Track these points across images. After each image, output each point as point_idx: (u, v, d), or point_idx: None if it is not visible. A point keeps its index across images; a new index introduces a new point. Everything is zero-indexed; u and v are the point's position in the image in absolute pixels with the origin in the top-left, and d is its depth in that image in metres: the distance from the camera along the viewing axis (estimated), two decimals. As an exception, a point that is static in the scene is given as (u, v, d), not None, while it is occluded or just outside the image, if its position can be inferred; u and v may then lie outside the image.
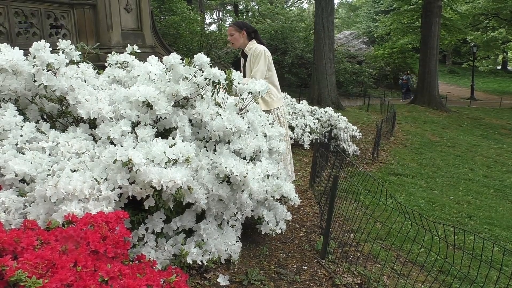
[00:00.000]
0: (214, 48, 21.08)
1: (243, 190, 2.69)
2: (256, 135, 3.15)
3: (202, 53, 2.82)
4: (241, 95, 3.19)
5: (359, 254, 3.25)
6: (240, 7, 34.99)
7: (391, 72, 28.59)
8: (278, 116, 4.29)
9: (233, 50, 22.29)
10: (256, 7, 33.21)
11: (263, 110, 3.96)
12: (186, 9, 22.28)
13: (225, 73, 2.81)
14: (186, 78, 2.73)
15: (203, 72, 2.76)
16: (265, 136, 3.20)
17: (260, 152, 3.10)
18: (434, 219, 4.66)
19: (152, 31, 9.50)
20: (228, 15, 40.88)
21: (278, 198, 3.11)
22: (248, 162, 2.75)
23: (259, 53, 4.08)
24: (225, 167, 2.54)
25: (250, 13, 34.64)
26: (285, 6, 36.27)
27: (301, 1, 41.37)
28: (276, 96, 4.30)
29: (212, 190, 2.55)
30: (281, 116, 4.37)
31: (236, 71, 3.01)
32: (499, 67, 43.38)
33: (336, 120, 7.60)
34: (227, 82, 2.84)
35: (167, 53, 9.38)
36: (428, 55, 19.97)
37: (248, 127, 3.02)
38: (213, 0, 35.81)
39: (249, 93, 3.05)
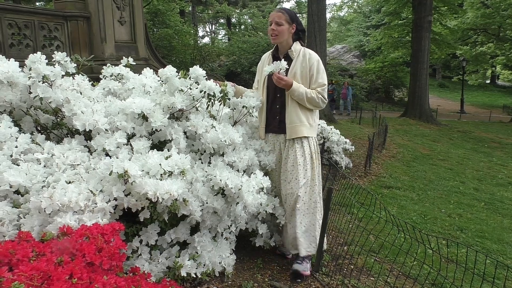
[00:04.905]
0: (207, 61, 21.18)
1: (237, 203, 2.70)
2: (247, 149, 3.17)
3: (196, 66, 2.85)
4: (235, 108, 3.21)
5: (352, 267, 3.26)
6: (233, 20, 35.29)
7: (382, 86, 28.87)
8: (315, 148, 3.20)
9: (226, 62, 22.38)
10: (249, 20, 33.49)
11: (302, 137, 3.08)
12: (179, 22, 22.46)
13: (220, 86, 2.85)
14: (182, 90, 2.75)
15: (198, 84, 2.79)
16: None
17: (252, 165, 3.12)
18: (426, 232, 4.69)
19: (145, 44, 9.53)
20: (221, 28, 41.16)
21: (271, 212, 3.10)
22: (242, 175, 2.76)
23: (318, 60, 3.12)
24: (220, 180, 2.55)
25: (243, 26, 34.90)
26: (278, 19, 36.51)
27: (293, 15, 41.77)
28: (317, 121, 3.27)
29: (206, 203, 2.56)
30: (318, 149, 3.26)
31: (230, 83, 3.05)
32: (488, 81, 44.03)
33: (329, 133, 7.63)
34: (222, 94, 2.88)
35: (160, 65, 9.44)
36: (418, 69, 20.21)
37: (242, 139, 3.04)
38: (206, 13, 36.04)
39: (243, 107, 3.09)
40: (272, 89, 3.17)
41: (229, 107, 3.19)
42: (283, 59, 2.98)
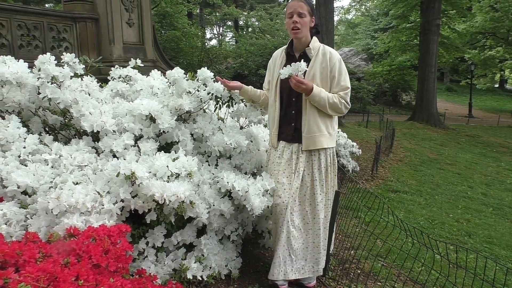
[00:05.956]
0: (214, 63, 21.22)
1: (243, 206, 2.66)
2: (258, 150, 3.16)
3: (204, 68, 2.85)
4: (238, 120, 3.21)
5: (359, 271, 3.23)
6: (240, 22, 35.30)
7: (389, 89, 28.76)
8: (332, 160, 2.88)
9: (233, 65, 22.36)
10: (256, 23, 33.49)
11: (321, 148, 2.75)
12: (187, 24, 22.52)
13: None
14: (189, 92, 2.74)
15: (206, 86, 2.78)
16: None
17: (261, 167, 3.10)
18: (434, 237, 4.64)
19: (153, 46, 9.56)
20: (229, 30, 41.23)
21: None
22: (249, 177, 2.75)
23: (340, 60, 2.74)
24: (227, 182, 2.54)
25: (250, 29, 34.93)
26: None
27: (300, 17, 41.72)
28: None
29: (213, 205, 2.55)
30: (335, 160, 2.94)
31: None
32: (496, 85, 43.68)
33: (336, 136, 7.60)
34: (229, 97, 2.88)
35: (168, 67, 9.46)
36: (426, 72, 20.09)
37: (251, 141, 3.03)
38: (214, 15, 36.13)
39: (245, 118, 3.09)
40: (287, 93, 2.77)
41: (232, 117, 3.17)
42: (302, 60, 2.54)
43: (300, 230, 2.75)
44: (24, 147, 2.38)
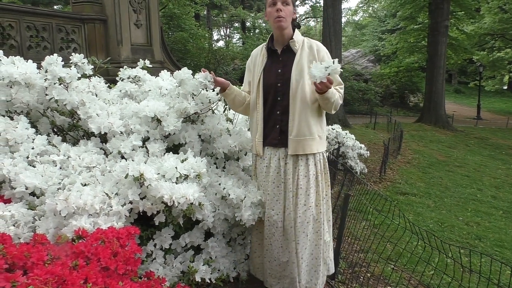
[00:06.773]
0: (221, 64, 21.24)
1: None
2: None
3: (210, 69, 2.81)
4: None
5: (369, 275, 3.19)
6: (248, 24, 35.31)
7: (397, 91, 28.64)
8: (322, 167, 2.64)
9: (240, 66, 22.36)
10: (264, 24, 33.50)
11: (311, 154, 2.50)
12: (194, 25, 22.54)
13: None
14: (195, 94, 2.71)
15: (212, 90, 2.74)
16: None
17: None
18: (444, 240, 4.58)
19: (161, 47, 9.57)
20: (236, 31, 41.27)
21: None
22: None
23: (327, 53, 2.55)
24: (223, 188, 2.51)
25: (257, 30, 34.93)
26: (292, 24, 36.44)
27: (308, 19, 41.70)
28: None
29: (218, 209, 2.52)
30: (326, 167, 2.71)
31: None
32: (505, 87, 43.32)
33: (344, 137, 7.56)
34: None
35: (175, 68, 9.46)
36: (434, 74, 19.97)
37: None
38: (221, 17, 36.18)
39: None
40: (273, 91, 2.53)
41: None
42: (336, 60, 2.20)
43: (288, 242, 2.53)
44: (33, 148, 2.37)
